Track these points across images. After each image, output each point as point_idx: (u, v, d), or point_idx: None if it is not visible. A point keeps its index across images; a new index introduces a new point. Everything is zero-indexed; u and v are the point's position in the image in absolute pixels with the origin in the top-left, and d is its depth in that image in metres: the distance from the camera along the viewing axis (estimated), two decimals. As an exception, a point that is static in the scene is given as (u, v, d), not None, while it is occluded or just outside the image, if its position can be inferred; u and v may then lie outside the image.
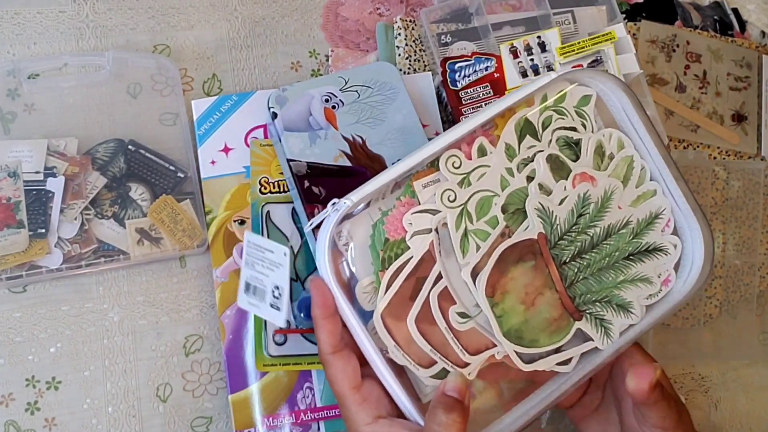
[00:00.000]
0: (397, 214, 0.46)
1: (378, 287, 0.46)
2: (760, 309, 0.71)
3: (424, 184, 0.47)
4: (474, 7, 0.69)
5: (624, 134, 0.52)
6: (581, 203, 0.50)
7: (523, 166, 0.49)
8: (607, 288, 0.50)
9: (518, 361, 0.48)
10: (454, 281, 0.47)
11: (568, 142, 0.50)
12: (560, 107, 0.50)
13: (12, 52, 0.63)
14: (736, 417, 0.70)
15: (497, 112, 0.48)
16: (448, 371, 0.46)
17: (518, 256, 0.48)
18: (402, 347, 0.46)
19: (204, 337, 0.61)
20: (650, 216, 0.51)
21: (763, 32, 0.80)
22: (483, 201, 0.48)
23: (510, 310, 0.47)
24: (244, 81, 0.67)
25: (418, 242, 0.46)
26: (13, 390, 0.57)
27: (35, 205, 0.58)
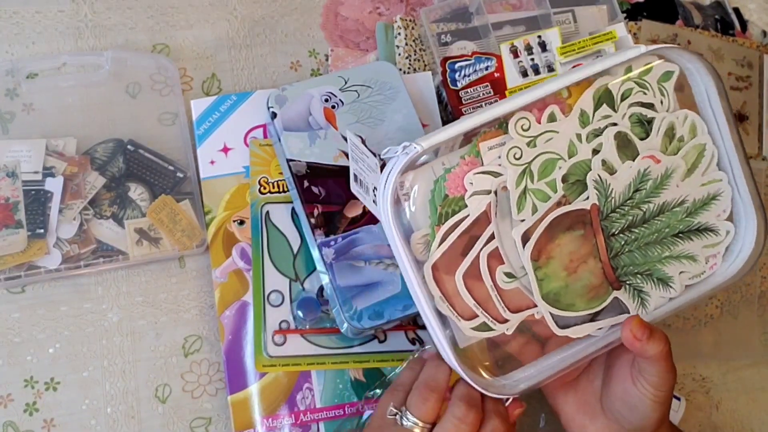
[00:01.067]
0: (459, 172, 0.47)
1: (432, 240, 0.47)
2: (762, 309, 0.71)
3: (490, 146, 0.48)
4: (474, 6, 0.69)
5: (700, 118, 0.52)
6: (639, 178, 0.51)
7: (593, 136, 0.49)
8: (650, 262, 0.51)
9: (553, 325, 0.50)
10: (506, 243, 0.48)
11: (641, 119, 0.50)
12: (643, 80, 0.50)
13: (11, 52, 0.63)
14: (737, 417, 0.69)
15: (577, 78, 0.48)
16: (488, 325, 0.48)
17: (569, 224, 0.49)
18: (447, 299, 0.47)
19: (203, 337, 0.61)
20: (707, 197, 0.52)
21: (764, 31, 0.80)
22: (547, 163, 0.49)
23: (552, 274, 0.49)
24: (244, 81, 0.67)
25: (476, 202, 0.47)
26: (11, 391, 0.57)
27: (34, 205, 0.58)
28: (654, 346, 0.48)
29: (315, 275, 0.60)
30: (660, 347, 0.48)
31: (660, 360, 0.49)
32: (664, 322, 0.68)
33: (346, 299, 0.56)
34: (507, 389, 0.49)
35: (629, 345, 0.49)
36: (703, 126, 0.52)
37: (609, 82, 0.50)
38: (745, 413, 0.70)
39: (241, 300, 0.59)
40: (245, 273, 0.60)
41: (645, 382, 0.50)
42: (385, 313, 0.56)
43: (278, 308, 0.59)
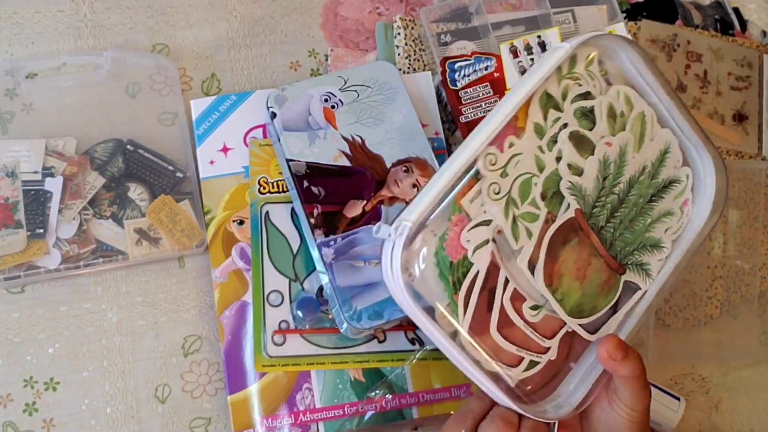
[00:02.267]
0: (453, 235, 0.48)
1: (455, 309, 0.47)
2: (761, 309, 0.71)
3: (471, 199, 0.48)
4: (474, 6, 0.69)
5: (629, 86, 0.54)
6: (603, 167, 0.52)
7: (552, 143, 0.51)
8: (639, 235, 0.54)
9: (585, 334, 0.52)
10: (520, 281, 0.49)
11: (584, 112, 0.52)
12: (573, 73, 0.52)
13: (10, 52, 0.63)
14: (737, 418, 0.69)
15: (518, 100, 0.49)
16: (534, 361, 0.50)
17: (563, 238, 0.51)
18: (492, 358, 0.48)
19: (203, 337, 0.61)
20: (661, 153, 0.55)
21: (764, 31, 0.80)
22: (523, 184, 0.49)
23: (568, 290, 0.51)
24: (243, 81, 0.67)
25: (480, 256, 0.48)
26: (11, 391, 0.57)
27: (33, 205, 0.58)
28: (627, 367, 0.49)
29: (314, 275, 0.60)
30: (632, 368, 0.49)
31: (633, 380, 0.49)
32: (664, 322, 0.68)
33: (346, 299, 0.56)
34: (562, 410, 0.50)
35: (604, 363, 0.50)
36: (633, 92, 0.54)
37: (546, 87, 0.51)
38: (744, 413, 0.70)
39: (240, 300, 0.59)
40: (245, 273, 0.60)
41: (620, 401, 0.50)
42: (385, 313, 0.56)
43: (278, 308, 0.59)
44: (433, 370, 0.60)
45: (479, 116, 0.64)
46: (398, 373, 0.59)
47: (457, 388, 0.60)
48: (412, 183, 0.60)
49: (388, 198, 0.59)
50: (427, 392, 0.59)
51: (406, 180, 0.60)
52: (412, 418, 0.59)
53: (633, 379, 0.49)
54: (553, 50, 0.51)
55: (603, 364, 0.50)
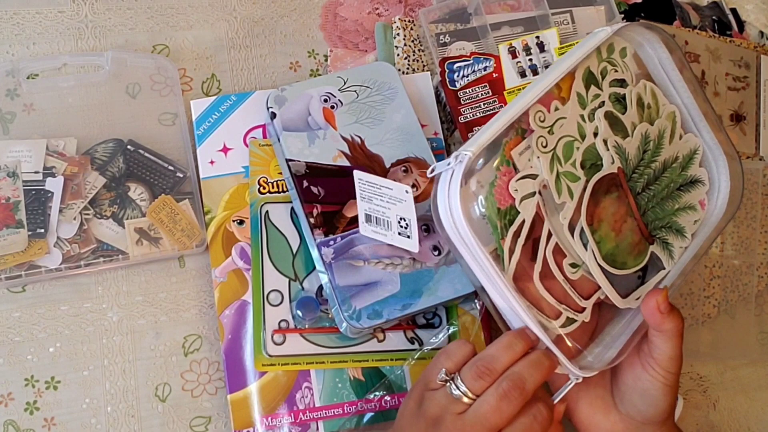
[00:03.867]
0: (502, 183, 0.49)
1: (502, 254, 0.48)
2: (759, 309, 0.71)
3: (520, 152, 0.50)
4: (473, 7, 0.69)
5: (655, 85, 0.56)
6: (644, 141, 0.55)
7: (592, 116, 0.53)
8: (668, 215, 0.56)
9: (616, 298, 0.53)
10: (562, 236, 0.51)
11: (617, 97, 0.54)
12: (611, 59, 0.54)
13: (11, 52, 0.63)
14: (734, 416, 0.70)
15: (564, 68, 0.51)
16: (571, 318, 0.51)
17: (606, 188, 0.53)
18: (534, 306, 0.49)
19: (203, 336, 0.61)
20: (690, 152, 0.58)
21: (761, 32, 0.80)
22: (567, 146, 0.51)
23: (605, 236, 0.52)
24: (243, 81, 0.67)
25: (527, 206, 0.49)
26: (12, 390, 0.57)
27: (34, 205, 0.58)
28: (671, 321, 0.50)
29: (314, 275, 0.60)
30: (676, 323, 0.50)
31: (673, 337, 0.50)
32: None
33: (345, 299, 0.56)
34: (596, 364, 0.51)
35: (650, 315, 0.50)
36: (659, 90, 0.56)
37: (588, 65, 0.53)
38: (742, 412, 0.70)
39: (240, 299, 0.59)
40: (245, 272, 0.60)
41: (654, 363, 0.51)
42: (384, 313, 0.56)
43: (277, 308, 0.59)
44: (432, 369, 0.60)
45: (478, 116, 0.65)
46: (398, 373, 0.59)
47: (456, 387, 0.60)
48: (412, 183, 0.60)
49: (388, 198, 0.60)
50: (426, 391, 0.59)
51: (406, 180, 0.60)
52: (412, 416, 0.59)
53: (673, 335, 0.50)
54: (594, 33, 0.54)
55: (648, 316, 0.51)
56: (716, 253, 0.70)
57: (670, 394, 0.52)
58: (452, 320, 0.61)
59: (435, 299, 0.57)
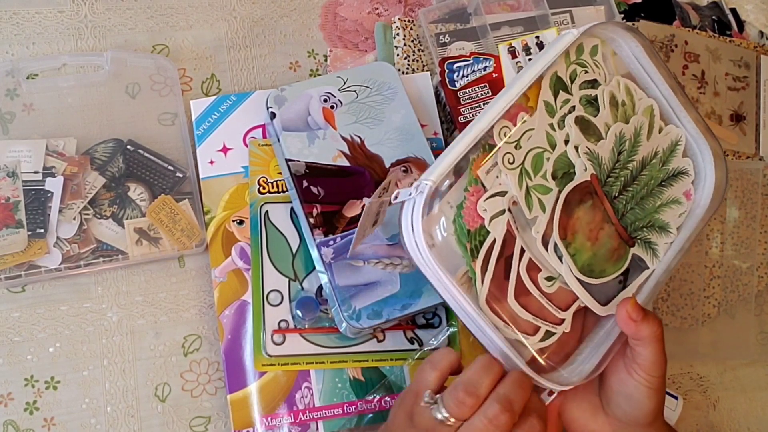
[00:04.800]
0: (470, 204, 0.49)
1: (474, 276, 0.48)
2: (759, 309, 0.71)
3: (487, 170, 0.49)
4: (472, 7, 0.69)
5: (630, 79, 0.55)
6: (618, 142, 0.54)
7: (562, 123, 0.52)
8: (649, 214, 0.55)
9: (596, 307, 0.52)
10: (534, 251, 0.50)
11: (589, 99, 0.53)
12: (581, 60, 0.53)
13: (11, 52, 0.63)
14: (734, 417, 0.70)
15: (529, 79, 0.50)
16: (550, 331, 0.51)
17: (579, 198, 0.52)
18: (511, 323, 0.49)
19: (203, 336, 0.61)
20: (672, 144, 0.57)
21: (761, 32, 0.80)
22: (536, 158, 0.51)
23: (581, 247, 0.52)
24: (243, 81, 0.67)
25: (497, 225, 0.49)
26: (12, 390, 0.57)
27: (34, 204, 0.58)
28: (647, 327, 0.49)
29: (314, 275, 0.60)
30: (652, 329, 0.50)
31: (652, 342, 0.50)
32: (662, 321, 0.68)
33: (345, 299, 0.56)
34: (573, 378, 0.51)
35: (624, 325, 0.50)
36: (632, 84, 0.55)
37: (556, 70, 0.52)
38: (742, 412, 0.70)
39: (240, 299, 0.59)
40: (244, 272, 0.60)
41: (638, 368, 0.51)
42: (384, 313, 0.56)
43: (277, 308, 0.59)
44: (431, 369, 0.60)
45: (478, 116, 0.65)
46: (397, 374, 0.59)
47: (455, 387, 0.60)
48: (411, 183, 0.60)
49: (387, 198, 0.60)
50: (426, 391, 0.59)
51: (405, 180, 0.60)
52: (411, 416, 0.59)
53: (652, 341, 0.50)
54: (561, 36, 0.52)
55: (622, 326, 0.50)
56: (716, 253, 0.70)
57: (655, 396, 0.51)
58: (452, 320, 0.61)
59: (435, 299, 0.57)
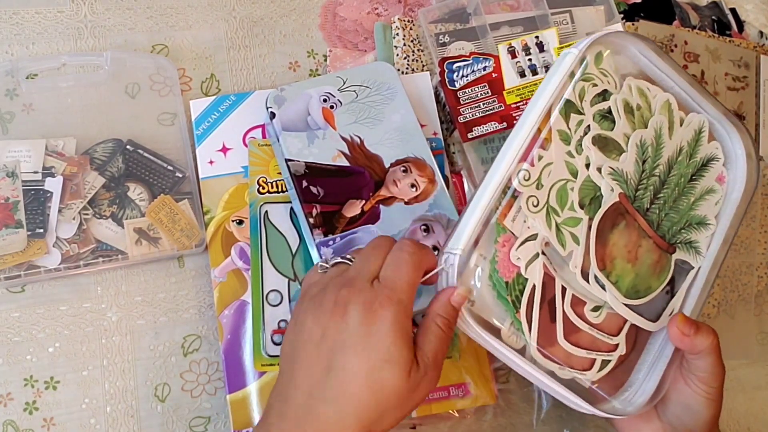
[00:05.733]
0: (503, 256, 0.48)
1: (519, 327, 0.48)
2: (758, 309, 0.71)
3: (513, 218, 0.49)
4: (472, 7, 0.69)
5: (647, 78, 0.55)
6: (641, 150, 0.53)
7: (580, 146, 0.51)
8: (685, 214, 0.55)
9: (648, 324, 0.52)
10: (576, 286, 0.50)
11: (603, 114, 0.53)
12: (587, 74, 0.52)
13: (10, 52, 0.63)
14: (734, 416, 0.70)
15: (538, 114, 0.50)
16: (607, 360, 0.51)
17: (611, 223, 0.52)
18: (565, 364, 0.49)
19: (202, 337, 0.61)
20: (696, 133, 0.56)
21: (761, 32, 0.80)
22: (560, 191, 0.50)
23: (622, 272, 0.52)
24: (243, 81, 0.67)
25: (533, 271, 0.49)
26: (11, 390, 0.57)
27: (33, 204, 0.58)
28: (703, 340, 0.49)
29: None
30: (709, 340, 0.49)
31: (710, 353, 0.50)
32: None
33: (345, 298, 0.56)
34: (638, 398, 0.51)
35: (678, 342, 0.50)
36: (644, 83, 0.55)
37: (563, 93, 0.51)
38: (742, 412, 0.70)
39: (239, 299, 0.59)
40: (244, 272, 0.60)
41: (696, 379, 0.50)
42: (384, 313, 0.56)
43: (277, 308, 0.59)
44: (431, 369, 0.60)
45: (477, 116, 0.65)
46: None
47: (455, 387, 0.60)
48: (411, 183, 0.60)
49: (387, 198, 0.60)
50: (426, 391, 0.59)
51: (405, 180, 0.60)
52: (411, 417, 0.59)
53: (709, 352, 0.49)
54: (561, 57, 0.52)
55: (677, 344, 0.50)
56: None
57: (714, 406, 0.51)
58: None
59: (434, 299, 0.57)
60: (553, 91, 0.50)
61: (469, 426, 0.62)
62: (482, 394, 0.60)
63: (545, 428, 0.63)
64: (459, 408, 0.60)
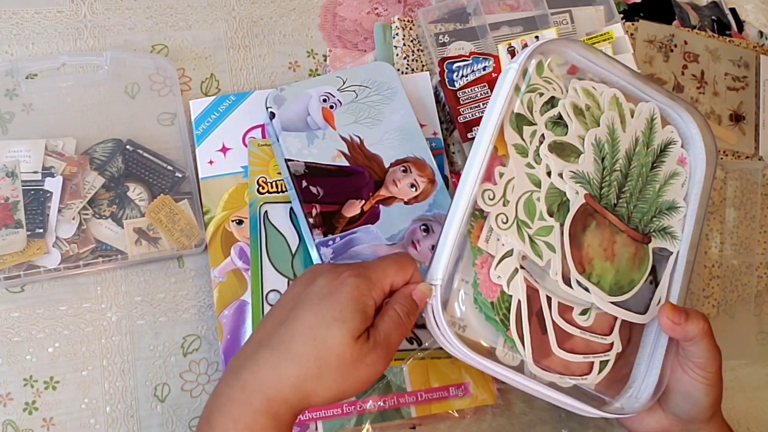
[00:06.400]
0: (483, 277, 0.49)
1: (512, 344, 0.49)
2: (758, 309, 0.71)
3: (486, 239, 0.49)
4: (472, 7, 0.69)
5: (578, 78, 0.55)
6: (598, 148, 0.53)
7: (538, 156, 0.52)
8: (653, 202, 0.55)
9: (637, 318, 0.53)
10: (561, 293, 0.50)
11: (554, 121, 0.53)
12: (531, 85, 0.52)
13: (10, 52, 0.63)
14: (733, 417, 0.70)
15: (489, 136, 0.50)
16: (604, 361, 0.51)
17: (582, 225, 0.52)
18: (565, 374, 0.50)
19: (202, 337, 0.61)
20: (648, 122, 0.56)
21: (760, 32, 0.80)
22: (527, 204, 0.51)
23: (602, 271, 0.52)
24: (242, 81, 0.67)
25: (515, 286, 0.49)
26: (11, 390, 0.57)
27: (33, 204, 0.58)
28: (694, 326, 0.50)
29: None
30: (700, 325, 0.50)
31: (703, 338, 0.50)
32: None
33: (344, 298, 0.56)
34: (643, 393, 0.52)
35: (670, 332, 0.50)
36: (588, 83, 0.55)
37: (511, 108, 0.51)
38: (741, 412, 0.70)
39: (239, 299, 0.59)
40: (244, 272, 0.60)
41: (693, 366, 0.51)
42: (383, 313, 0.56)
43: (277, 307, 0.59)
44: (431, 369, 0.60)
45: (477, 116, 0.65)
46: (396, 373, 0.59)
47: (455, 387, 0.60)
48: (410, 183, 0.60)
49: (386, 198, 0.60)
50: (426, 391, 0.59)
51: (404, 180, 0.60)
52: (411, 417, 0.59)
53: (702, 337, 0.50)
54: (503, 74, 0.52)
55: (669, 333, 0.51)
56: (715, 253, 0.70)
57: (713, 391, 0.51)
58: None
59: (434, 299, 0.57)
60: (501, 107, 0.50)
61: (469, 426, 0.62)
62: (482, 394, 0.60)
63: (545, 428, 0.63)
64: (458, 408, 0.60)
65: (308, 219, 0.57)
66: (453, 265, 0.48)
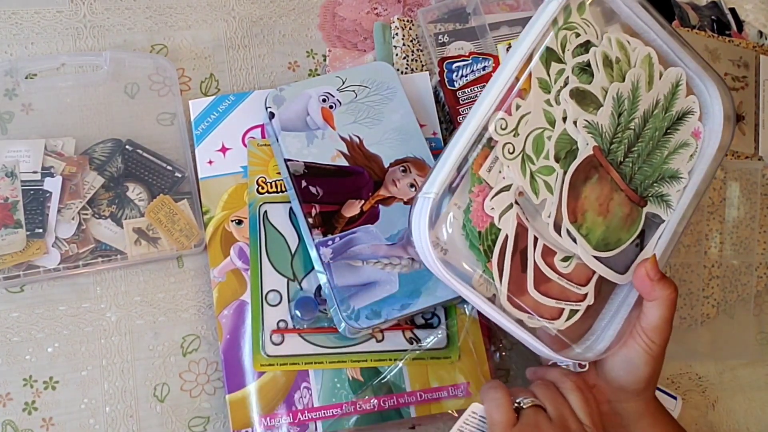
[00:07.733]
0: (477, 206, 0.48)
1: (490, 276, 0.49)
2: (758, 309, 0.71)
3: (488, 168, 0.49)
4: (471, 7, 0.69)
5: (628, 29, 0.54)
6: (617, 103, 0.53)
7: (558, 98, 0.51)
8: (658, 167, 0.55)
9: (616, 277, 0.53)
10: (548, 236, 0.50)
11: (582, 67, 0.52)
12: (569, 23, 0.51)
13: (9, 52, 0.63)
14: (733, 417, 0.70)
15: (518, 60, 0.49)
16: (575, 310, 0.51)
17: (584, 176, 0.51)
18: (534, 313, 0.50)
19: (201, 336, 0.61)
20: (672, 87, 0.56)
21: (760, 32, 0.80)
22: (536, 139, 0.50)
23: (592, 225, 0.52)
24: (242, 81, 0.67)
25: (507, 221, 0.49)
26: (10, 390, 0.57)
27: (33, 204, 0.58)
28: (662, 289, 0.50)
29: (313, 275, 0.60)
30: (668, 291, 0.50)
31: (663, 304, 0.50)
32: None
33: (344, 299, 0.56)
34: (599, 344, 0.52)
35: (639, 284, 0.51)
36: (624, 36, 0.54)
37: (545, 42, 0.50)
38: (741, 412, 0.70)
39: (239, 299, 0.59)
40: (243, 272, 0.60)
41: (642, 330, 0.51)
42: (383, 313, 0.56)
43: (276, 308, 0.59)
44: (430, 369, 0.60)
45: (477, 116, 0.65)
46: (393, 372, 0.59)
47: (454, 387, 0.60)
48: (410, 183, 0.60)
49: (386, 198, 0.60)
50: (425, 391, 0.59)
51: (404, 180, 0.60)
52: (410, 417, 0.59)
53: (664, 304, 0.50)
54: (543, 6, 0.51)
55: (638, 285, 0.51)
56: (715, 253, 0.70)
57: (651, 365, 0.52)
58: (451, 320, 0.61)
59: (434, 299, 0.57)
60: (534, 38, 0.49)
61: (469, 426, 0.62)
62: (481, 394, 0.60)
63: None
64: (458, 408, 0.60)
65: (308, 219, 0.57)
66: (449, 185, 0.47)
